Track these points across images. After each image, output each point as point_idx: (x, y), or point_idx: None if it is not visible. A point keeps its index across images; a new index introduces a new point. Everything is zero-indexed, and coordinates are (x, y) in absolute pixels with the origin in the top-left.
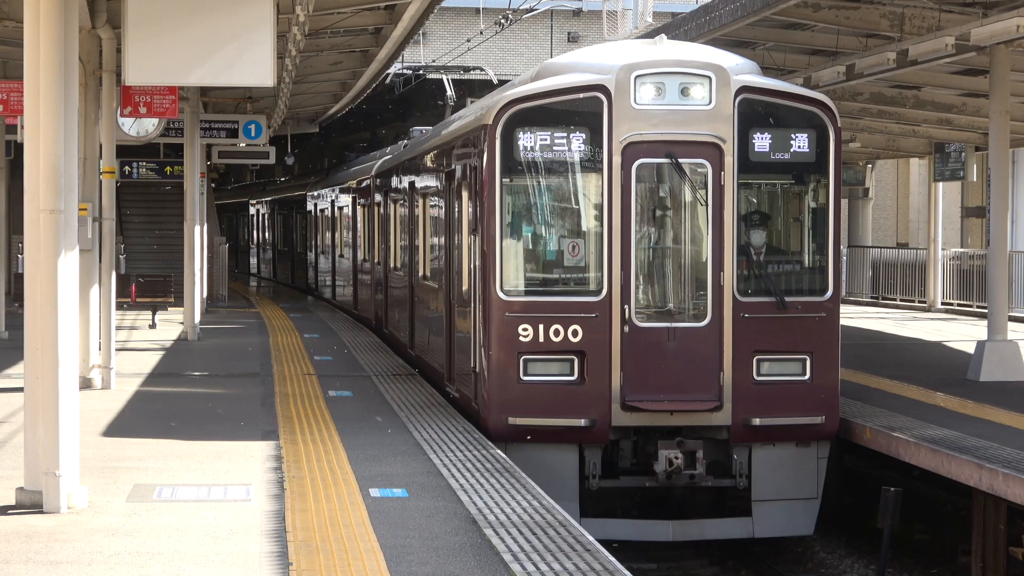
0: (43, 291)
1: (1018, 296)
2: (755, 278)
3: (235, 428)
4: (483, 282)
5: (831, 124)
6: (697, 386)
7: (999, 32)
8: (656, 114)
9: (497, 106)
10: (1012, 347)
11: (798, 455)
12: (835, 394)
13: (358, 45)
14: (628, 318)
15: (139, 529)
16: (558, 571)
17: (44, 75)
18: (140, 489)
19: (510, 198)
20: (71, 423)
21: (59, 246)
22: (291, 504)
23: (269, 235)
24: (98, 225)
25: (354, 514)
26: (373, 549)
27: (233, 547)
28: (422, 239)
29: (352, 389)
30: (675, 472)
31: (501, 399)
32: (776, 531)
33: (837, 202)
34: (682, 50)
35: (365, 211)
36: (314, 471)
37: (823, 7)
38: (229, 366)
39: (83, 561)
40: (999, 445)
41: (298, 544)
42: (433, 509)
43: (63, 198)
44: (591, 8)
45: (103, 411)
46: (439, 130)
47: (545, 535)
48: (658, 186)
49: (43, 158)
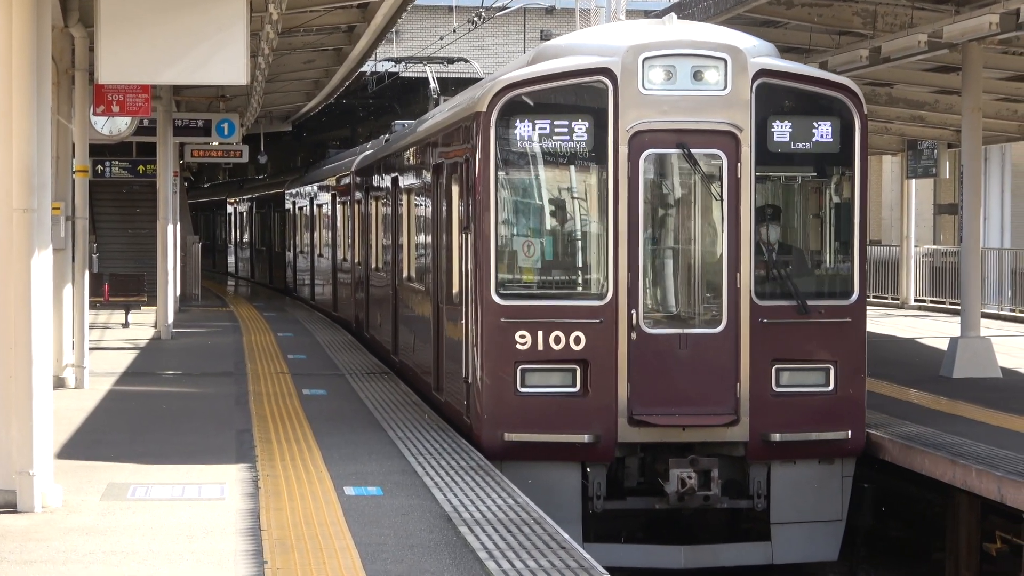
0: (16, 290)
1: (990, 293)
2: (774, 280)
3: (209, 427)
4: (476, 285)
5: (857, 111)
6: (711, 398)
7: (971, 29)
8: (666, 100)
9: (492, 92)
10: (985, 343)
11: (821, 473)
12: (861, 407)
13: (331, 43)
14: (635, 324)
15: (114, 528)
16: (533, 569)
17: (16, 73)
18: (114, 488)
19: (506, 193)
20: (45, 422)
21: (32, 245)
22: (266, 502)
23: (247, 234)
24: (71, 224)
25: (329, 512)
26: (348, 547)
27: (208, 546)
28: (406, 238)
29: (326, 388)
30: (688, 493)
31: (496, 413)
32: (798, 557)
33: (863, 197)
34: (694, 30)
35: (345, 209)
36: (288, 469)
37: (796, 4)
38: (203, 365)
39: (58, 560)
40: (973, 441)
41: (273, 542)
42: (408, 507)
43: (36, 197)
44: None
45: (77, 410)
46: (425, 121)
47: (520, 532)
48: (668, 179)
49: (16, 157)
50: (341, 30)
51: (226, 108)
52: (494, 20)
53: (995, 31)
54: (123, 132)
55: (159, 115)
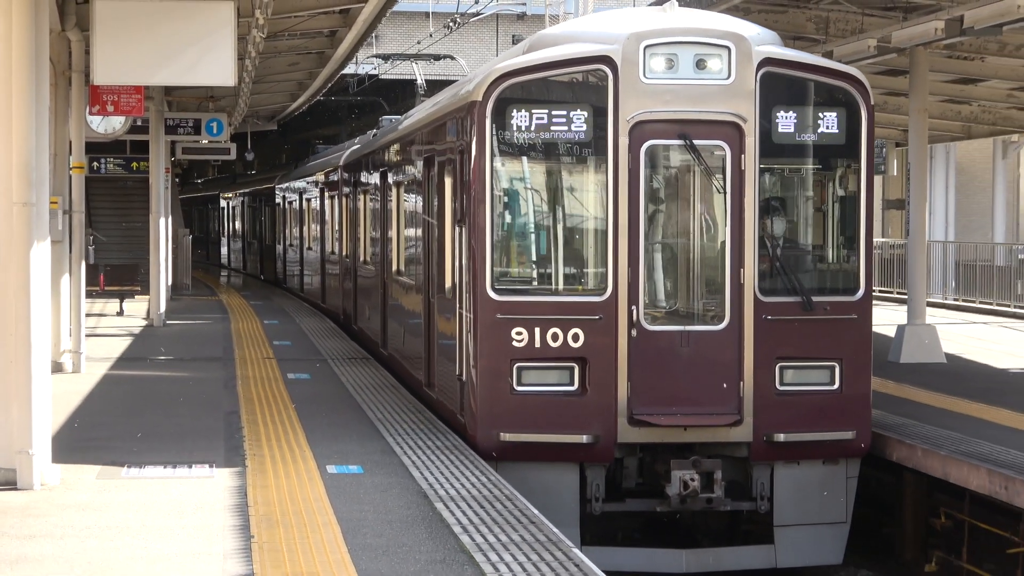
0: (16, 280)
1: (935, 283)
2: (778, 275)
3: (199, 409)
4: (471, 280)
5: (863, 102)
6: (714, 397)
7: (918, 35)
8: (668, 90)
9: (488, 80)
10: (930, 331)
11: (825, 474)
12: (867, 406)
13: (314, 47)
14: (636, 321)
15: (108, 505)
16: (505, 542)
17: (16, 75)
18: (109, 467)
19: (502, 185)
20: (43, 404)
21: (31, 237)
22: (252, 480)
23: (239, 227)
24: (68, 217)
25: (312, 489)
26: (331, 522)
27: (198, 521)
28: (396, 231)
29: (310, 372)
30: (691, 495)
31: (492, 412)
32: (802, 560)
33: (869, 190)
34: (697, 17)
35: (333, 203)
36: (274, 449)
37: (753, 11)
38: (193, 350)
39: (55, 535)
40: (918, 423)
41: (260, 518)
42: (387, 484)
43: (35, 191)
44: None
45: (74, 393)
46: (413, 115)
47: (492, 508)
48: (670, 171)
49: (16, 154)
50: (324, 34)
51: (215, 108)
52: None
53: (940, 36)
54: (117, 131)
55: (151, 114)
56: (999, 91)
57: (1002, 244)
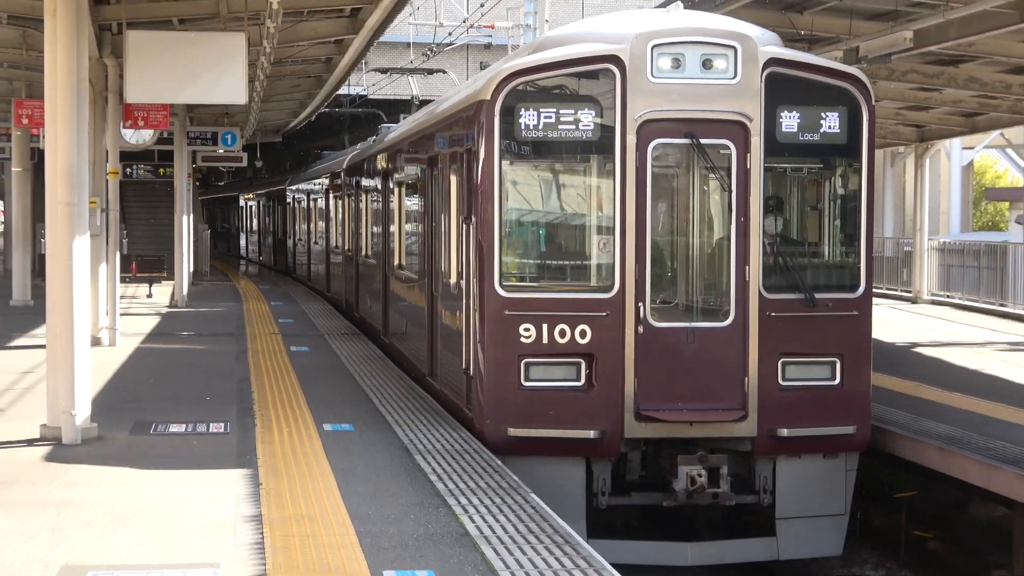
0: (61, 268)
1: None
2: (782, 272)
3: (216, 377)
4: (479, 276)
5: (865, 102)
6: (719, 393)
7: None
8: (675, 89)
9: (496, 79)
10: None
11: (825, 468)
12: (867, 401)
13: (313, 72)
14: (643, 317)
15: (139, 457)
16: (473, 488)
17: (61, 95)
18: (140, 425)
19: (510, 182)
20: (84, 372)
21: (74, 232)
22: (261, 436)
23: (255, 223)
24: (105, 215)
25: (311, 444)
26: (326, 472)
27: (215, 471)
28: (398, 226)
29: (309, 346)
30: (697, 491)
31: (499, 407)
32: (803, 552)
33: (870, 189)
34: (702, 18)
35: (337, 201)
36: (278, 410)
37: None
38: (211, 327)
39: (94, 483)
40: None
41: (267, 468)
42: (374, 440)
43: (77, 193)
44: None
45: (110, 363)
46: (415, 118)
47: (463, 460)
48: (677, 170)
49: (60, 161)
50: (321, 61)
51: (229, 122)
52: (443, 54)
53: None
54: (147, 142)
55: (176, 128)
56: (888, 110)
57: (890, 238)
